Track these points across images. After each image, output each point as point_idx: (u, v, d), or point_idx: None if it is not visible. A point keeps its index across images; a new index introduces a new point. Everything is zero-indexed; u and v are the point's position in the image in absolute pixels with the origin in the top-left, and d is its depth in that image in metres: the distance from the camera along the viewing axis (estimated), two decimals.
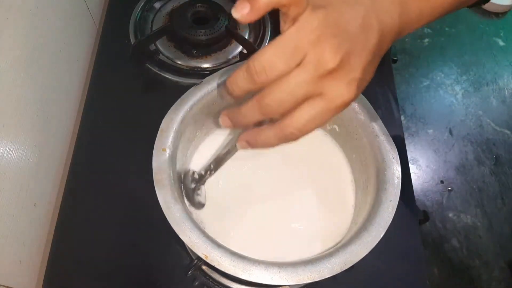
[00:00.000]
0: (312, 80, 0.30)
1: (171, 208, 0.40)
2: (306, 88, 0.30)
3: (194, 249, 0.38)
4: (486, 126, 0.83)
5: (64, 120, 0.63)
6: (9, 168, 0.47)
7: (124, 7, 0.71)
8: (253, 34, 0.71)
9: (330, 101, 0.31)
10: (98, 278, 0.54)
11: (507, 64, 0.90)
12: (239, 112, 0.33)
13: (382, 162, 0.45)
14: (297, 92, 0.30)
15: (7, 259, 0.48)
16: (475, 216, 0.75)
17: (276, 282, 0.37)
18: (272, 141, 0.34)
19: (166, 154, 0.43)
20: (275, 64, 0.30)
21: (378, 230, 0.40)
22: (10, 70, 0.47)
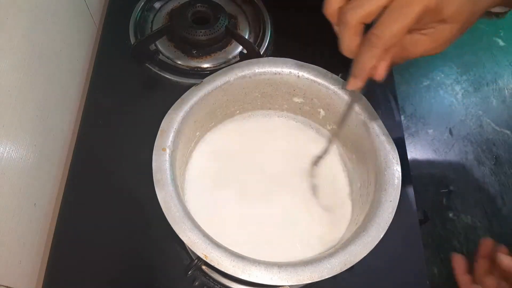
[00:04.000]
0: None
1: (171, 208, 0.40)
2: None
3: (194, 249, 0.38)
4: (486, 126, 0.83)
5: (64, 120, 0.62)
6: (9, 168, 0.47)
7: (124, 7, 0.71)
8: (253, 34, 0.71)
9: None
10: (98, 278, 0.54)
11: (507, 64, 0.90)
12: (355, 63, 0.38)
13: (382, 163, 0.45)
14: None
15: (7, 259, 0.48)
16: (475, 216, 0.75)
17: (276, 282, 0.37)
18: (367, 59, 0.37)
19: (166, 154, 0.43)
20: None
21: (378, 230, 0.40)
22: (10, 70, 0.47)
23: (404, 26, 0.34)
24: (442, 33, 0.36)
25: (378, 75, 0.38)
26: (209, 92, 0.49)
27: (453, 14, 0.34)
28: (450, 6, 0.34)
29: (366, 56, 0.36)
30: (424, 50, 0.37)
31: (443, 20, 0.35)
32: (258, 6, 0.72)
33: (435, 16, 0.34)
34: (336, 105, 0.50)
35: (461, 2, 0.34)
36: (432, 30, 0.36)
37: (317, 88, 0.51)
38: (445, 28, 0.35)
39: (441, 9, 0.34)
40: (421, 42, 0.37)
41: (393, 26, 0.34)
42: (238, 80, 0.50)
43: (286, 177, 0.53)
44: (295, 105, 0.55)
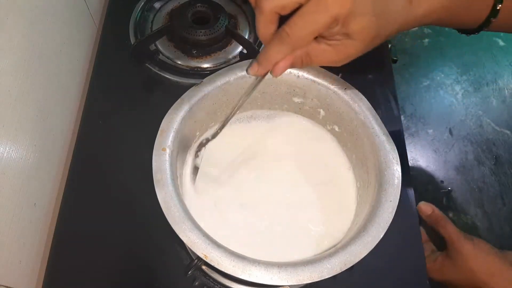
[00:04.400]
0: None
1: (171, 208, 0.40)
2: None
3: (194, 249, 0.38)
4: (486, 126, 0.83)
5: (64, 120, 0.63)
6: (9, 168, 0.47)
7: (124, 7, 0.71)
8: (253, 34, 0.71)
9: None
10: (98, 278, 0.54)
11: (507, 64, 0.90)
12: (264, 52, 0.39)
13: (382, 163, 0.45)
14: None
15: (7, 259, 0.48)
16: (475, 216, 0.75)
17: (276, 282, 0.37)
18: (274, 52, 0.38)
19: (166, 154, 0.43)
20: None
21: (378, 230, 0.40)
22: (10, 70, 0.47)
23: (313, 31, 0.35)
24: (346, 47, 0.37)
25: (276, 72, 0.40)
26: (209, 92, 0.49)
27: (359, 32, 0.36)
28: (357, 23, 0.35)
29: (275, 49, 0.38)
30: (326, 61, 0.39)
31: (348, 34, 0.36)
32: None
33: (342, 28, 0.35)
34: (336, 105, 0.50)
35: (368, 23, 0.35)
36: (338, 42, 0.37)
37: (317, 88, 0.51)
38: (349, 43, 0.37)
39: (348, 23, 0.35)
40: (326, 53, 0.38)
41: (304, 29, 0.35)
42: (238, 80, 0.50)
43: (287, 176, 0.53)
44: (295, 105, 0.55)
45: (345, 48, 0.37)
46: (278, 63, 0.39)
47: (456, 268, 0.60)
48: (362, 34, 0.36)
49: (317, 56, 0.39)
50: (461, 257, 0.59)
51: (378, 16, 0.36)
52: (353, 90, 0.49)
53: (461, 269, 0.59)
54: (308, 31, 0.35)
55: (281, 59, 0.39)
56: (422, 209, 0.66)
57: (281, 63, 0.39)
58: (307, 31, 0.35)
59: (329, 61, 0.39)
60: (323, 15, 0.34)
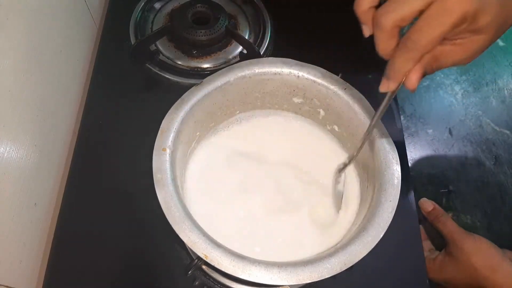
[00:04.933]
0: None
1: (171, 208, 0.40)
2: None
3: (194, 248, 0.38)
4: (486, 126, 0.83)
5: (64, 120, 0.63)
6: (9, 168, 0.47)
7: (124, 7, 0.71)
8: (253, 34, 0.71)
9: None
10: (98, 278, 0.54)
11: (506, 64, 0.90)
12: (390, 65, 0.37)
13: (382, 162, 0.45)
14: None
15: (7, 259, 0.48)
16: (475, 216, 0.75)
17: (276, 282, 0.37)
18: (402, 62, 0.36)
19: (166, 154, 0.43)
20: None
21: (378, 230, 0.41)
22: (10, 70, 0.47)
23: (441, 33, 0.33)
24: (474, 43, 0.36)
25: (411, 84, 0.38)
26: (209, 92, 0.49)
27: (488, 24, 0.34)
28: (487, 15, 0.33)
29: (402, 59, 0.36)
30: (454, 60, 0.37)
31: (477, 30, 0.34)
32: (258, 6, 0.72)
33: (471, 25, 0.34)
34: (336, 105, 0.51)
35: (496, 14, 0.34)
36: (464, 40, 0.36)
37: (317, 88, 0.51)
38: (478, 38, 0.35)
39: (478, 18, 0.33)
40: (453, 52, 0.37)
41: (430, 32, 0.33)
42: (238, 80, 0.50)
43: (287, 176, 0.53)
44: (295, 105, 0.55)
45: (472, 44, 0.36)
46: (409, 74, 0.38)
47: (457, 265, 0.60)
48: (490, 27, 0.34)
49: (445, 57, 0.37)
50: (463, 254, 0.59)
51: (503, 5, 0.34)
52: (353, 90, 0.49)
53: (463, 266, 0.59)
54: (435, 35, 0.34)
55: (410, 68, 0.37)
56: (423, 206, 0.66)
57: (412, 75, 0.37)
58: (434, 35, 0.34)
59: (458, 60, 0.38)
60: (450, 16, 0.33)
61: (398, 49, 0.36)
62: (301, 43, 0.67)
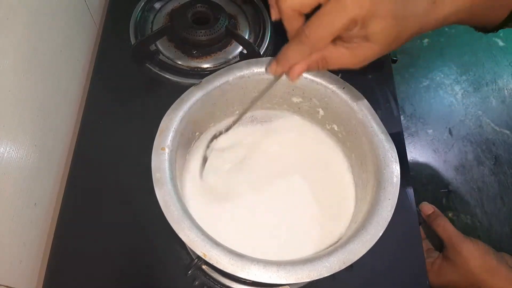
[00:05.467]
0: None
1: (170, 207, 0.40)
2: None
3: (193, 247, 0.38)
4: (486, 126, 0.83)
5: (64, 120, 0.63)
6: (9, 168, 0.47)
7: (124, 7, 0.71)
8: (253, 34, 0.71)
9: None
10: (98, 277, 0.54)
11: (506, 64, 0.90)
12: (283, 51, 0.39)
13: (381, 161, 0.45)
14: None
15: (7, 259, 0.48)
16: (475, 216, 0.75)
17: (275, 280, 0.37)
18: (293, 52, 0.38)
19: (165, 154, 0.43)
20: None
21: (377, 228, 0.41)
22: (10, 70, 0.47)
23: (332, 32, 0.35)
24: (363, 50, 0.37)
25: (292, 75, 0.40)
26: (209, 92, 0.49)
27: (378, 33, 0.35)
28: (376, 25, 0.34)
29: (293, 49, 0.38)
30: (342, 63, 0.39)
31: (367, 36, 0.35)
32: (258, 6, 0.72)
33: (361, 30, 0.35)
34: (335, 104, 0.51)
35: (387, 25, 0.35)
36: (355, 45, 0.37)
37: (316, 88, 0.51)
38: (367, 46, 0.36)
39: (367, 25, 0.34)
40: (343, 56, 0.38)
41: (322, 30, 0.35)
42: (237, 80, 0.50)
43: (286, 176, 0.53)
44: (294, 105, 0.55)
45: (362, 51, 0.37)
46: (294, 65, 0.39)
47: (455, 269, 0.60)
48: (380, 36, 0.35)
49: (333, 59, 0.38)
50: (461, 258, 0.59)
51: (398, 19, 0.35)
52: (351, 89, 0.49)
53: (461, 270, 0.60)
54: (326, 32, 0.35)
55: (298, 60, 0.39)
56: (423, 209, 0.67)
57: (297, 66, 0.39)
58: (325, 32, 0.35)
59: (346, 64, 0.39)
60: (341, 16, 0.34)
61: (292, 39, 0.37)
62: None
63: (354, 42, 0.36)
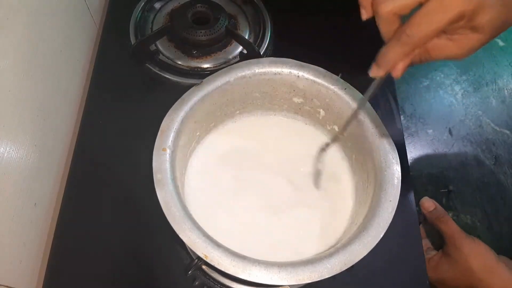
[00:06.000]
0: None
1: (171, 208, 0.40)
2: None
3: (194, 248, 0.38)
4: (486, 126, 0.83)
5: (64, 120, 0.63)
6: (9, 168, 0.47)
7: (124, 7, 0.71)
8: (253, 34, 0.71)
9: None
10: (98, 278, 0.54)
11: (506, 64, 0.90)
12: (382, 53, 0.37)
13: (382, 162, 0.45)
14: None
15: (7, 259, 0.48)
16: (475, 216, 0.75)
17: (276, 282, 0.37)
18: (394, 53, 0.36)
19: (166, 154, 0.43)
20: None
21: (378, 230, 0.41)
22: (10, 70, 0.47)
23: (436, 29, 0.33)
24: (470, 41, 0.35)
25: (397, 72, 0.38)
26: (209, 92, 0.49)
27: (486, 24, 0.34)
28: (486, 15, 0.33)
29: (394, 50, 0.36)
30: (447, 55, 0.37)
31: (475, 27, 0.34)
32: (258, 6, 0.72)
33: (468, 22, 0.33)
34: (336, 105, 0.51)
35: (496, 12, 0.33)
36: (461, 36, 0.35)
37: (317, 88, 0.51)
38: (474, 36, 0.35)
39: (476, 16, 0.33)
40: (447, 47, 0.36)
41: (426, 28, 0.33)
42: (238, 80, 0.50)
43: (287, 177, 0.53)
44: (295, 105, 0.55)
45: (468, 41, 0.35)
46: (398, 63, 0.38)
47: (454, 265, 0.60)
48: (488, 26, 0.34)
49: (437, 50, 0.37)
50: (461, 255, 0.59)
51: (505, 6, 0.33)
52: (352, 90, 0.49)
53: (459, 267, 0.60)
54: (430, 31, 0.33)
55: (401, 60, 0.37)
56: (424, 205, 0.66)
57: (400, 64, 0.37)
58: (429, 31, 0.34)
59: (450, 55, 0.37)
60: (447, 13, 0.32)
61: (392, 39, 0.36)
62: (301, 43, 0.67)
63: (459, 33, 0.35)
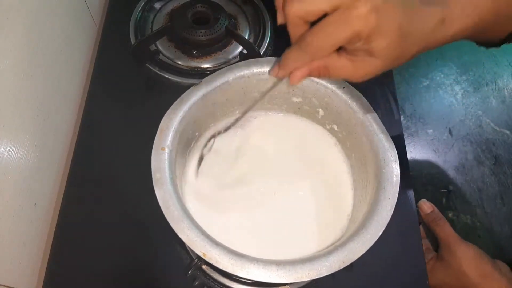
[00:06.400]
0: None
1: (170, 207, 0.40)
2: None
3: (193, 247, 0.38)
4: (486, 126, 0.83)
5: (64, 120, 0.63)
6: (9, 168, 0.47)
7: (125, 7, 0.72)
8: (253, 34, 0.71)
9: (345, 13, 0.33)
10: (98, 277, 0.54)
11: (506, 64, 0.90)
12: (284, 56, 0.39)
13: (381, 161, 0.45)
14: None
15: (7, 259, 0.48)
16: (475, 216, 0.75)
17: (274, 280, 0.37)
18: (293, 58, 0.38)
19: (165, 154, 0.43)
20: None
21: (377, 228, 0.41)
22: (10, 70, 0.47)
23: (333, 44, 0.34)
24: (366, 64, 0.36)
25: (292, 80, 0.39)
26: (208, 92, 0.49)
27: (382, 50, 0.34)
28: (380, 42, 0.34)
29: (294, 54, 0.37)
30: (344, 75, 0.38)
31: (370, 52, 0.35)
32: (258, 6, 0.72)
33: (364, 45, 0.34)
34: (335, 104, 0.51)
35: (392, 42, 0.34)
36: (358, 58, 0.36)
37: (316, 88, 0.51)
38: (370, 60, 0.35)
39: (371, 41, 0.34)
40: (344, 68, 0.37)
41: (324, 40, 0.34)
42: (236, 80, 0.50)
43: (286, 175, 0.53)
44: (294, 105, 0.55)
45: (364, 65, 0.36)
46: (295, 70, 0.39)
47: (448, 270, 0.60)
48: (384, 53, 0.34)
49: (335, 69, 0.38)
50: (455, 259, 0.60)
51: (404, 36, 0.34)
52: (351, 89, 0.49)
53: (454, 271, 0.60)
54: (328, 43, 0.34)
55: (299, 66, 0.38)
56: (422, 207, 0.67)
57: (298, 72, 0.39)
58: (327, 43, 0.34)
59: (346, 76, 0.38)
60: (345, 29, 0.33)
61: (295, 44, 0.37)
62: None
63: (357, 55, 0.36)
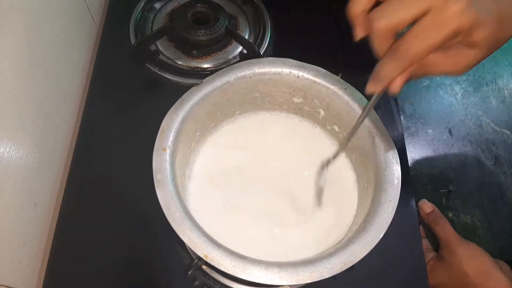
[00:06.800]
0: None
1: (171, 208, 0.40)
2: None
3: (194, 248, 0.38)
4: (486, 126, 0.83)
5: (64, 120, 0.63)
6: (9, 168, 0.47)
7: (125, 7, 0.71)
8: (253, 34, 0.71)
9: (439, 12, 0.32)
10: (98, 278, 0.54)
11: (506, 64, 0.90)
12: (378, 70, 0.36)
13: (382, 162, 0.45)
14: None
15: (7, 259, 0.48)
16: (475, 216, 0.75)
17: (276, 282, 0.37)
18: (389, 69, 0.36)
19: (166, 154, 0.43)
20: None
21: (378, 230, 0.41)
22: (10, 70, 0.47)
23: (432, 46, 0.33)
24: (466, 57, 0.35)
25: (394, 88, 0.37)
26: (209, 92, 0.49)
27: (482, 40, 0.33)
28: (482, 31, 0.32)
29: (390, 66, 0.35)
30: (443, 71, 0.36)
31: (470, 44, 0.34)
32: (258, 6, 0.72)
33: (464, 39, 0.33)
34: (336, 105, 0.51)
35: (493, 31, 0.33)
36: (456, 52, 0.35)
37: (317, 88, 0.51)
38: (470, 52, 0.34)
39: (472, 33, 0.32)
40: (443, 64, 0.35)
41: (421, 44, 0.33)
42: (238, 80, 0.50)
43: (288, 177, 0.53)
44: (295, 105, 0.55)
45: (464, 58, 0.35)
46: (394, 79, 0.37)
47: (449, 270, 0.60)
48: (485, 43, 0.33)
49: (433, 67, 0.36)
50: (456, 258, 0.59)
51: (502, 22, 0.33)
52: (353, 90, 0.49)
53: (454, 271, 0.59)
54: (426, 47, 0.33)
55: (397, 76, 0.36)
56: (422, 207, 0.67)
57: (398, 80, 0.37)
58: (425, 47, 0.33)
59: (446, 71, 0.36)
60: (444, 30, 0.32)
61: (387, 55, 0.35)
62: (301, 43, 0.68)
63: (455, 49, 0.34)
